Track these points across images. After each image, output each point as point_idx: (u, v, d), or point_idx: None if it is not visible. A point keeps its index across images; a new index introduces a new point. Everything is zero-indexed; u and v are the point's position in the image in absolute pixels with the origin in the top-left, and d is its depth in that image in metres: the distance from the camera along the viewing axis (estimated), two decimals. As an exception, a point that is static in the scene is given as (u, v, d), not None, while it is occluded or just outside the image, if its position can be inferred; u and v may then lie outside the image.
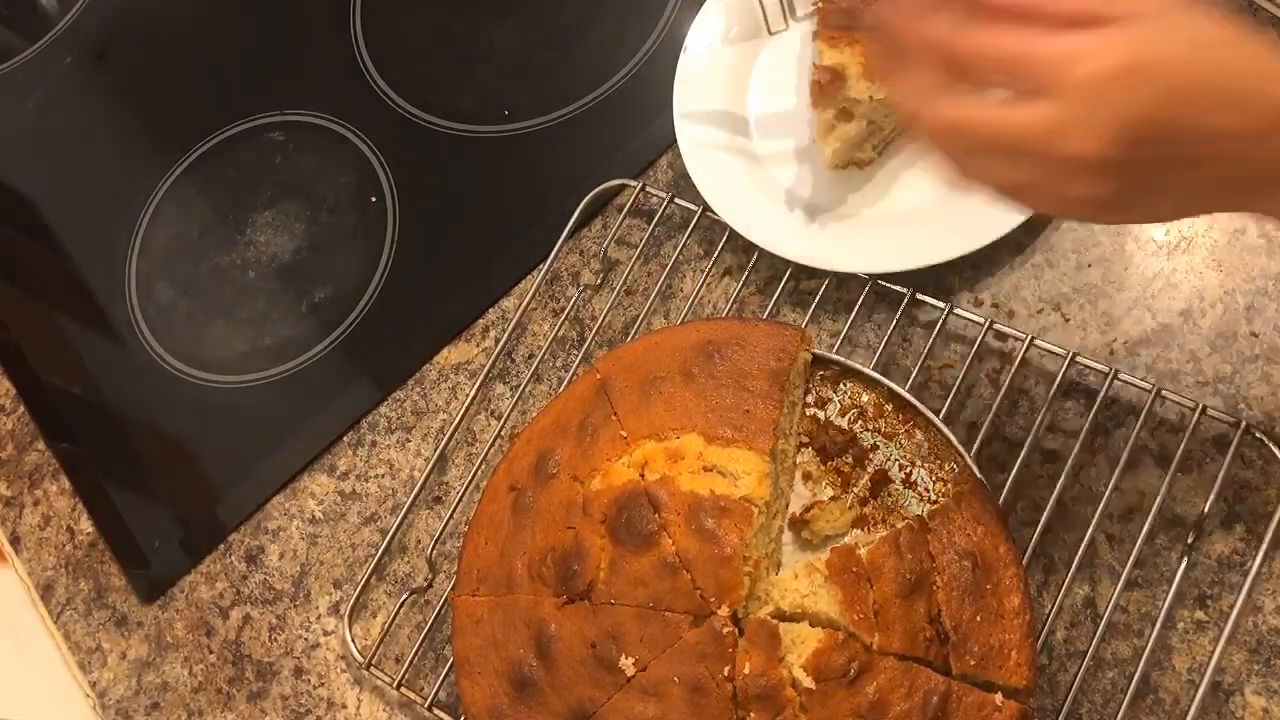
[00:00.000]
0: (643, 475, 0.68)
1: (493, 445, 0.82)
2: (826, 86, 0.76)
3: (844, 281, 0.80)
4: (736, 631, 0.63)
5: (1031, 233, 0.78)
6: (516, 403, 0.83)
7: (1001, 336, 0.75)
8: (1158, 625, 0.65)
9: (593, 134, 0.96)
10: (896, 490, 0.71)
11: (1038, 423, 0.71)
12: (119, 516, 0.92)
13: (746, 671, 0.61)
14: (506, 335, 0.86)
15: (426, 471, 0.83)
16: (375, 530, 0.85)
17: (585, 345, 0.84)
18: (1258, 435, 0.67)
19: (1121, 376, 0.70)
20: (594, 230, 0.90)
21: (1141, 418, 0.70)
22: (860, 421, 0.73)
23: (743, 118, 0.87)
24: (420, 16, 1.08)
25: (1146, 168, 0.49)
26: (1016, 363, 0.73)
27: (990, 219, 0.76)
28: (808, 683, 0.61)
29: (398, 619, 0.79)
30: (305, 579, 0.85)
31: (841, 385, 0.75)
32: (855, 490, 0.71)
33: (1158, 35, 0.48)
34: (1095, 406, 0.70)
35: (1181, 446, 0.68)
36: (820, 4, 0.81)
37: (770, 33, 0.89)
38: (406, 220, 0.97)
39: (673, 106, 0.87)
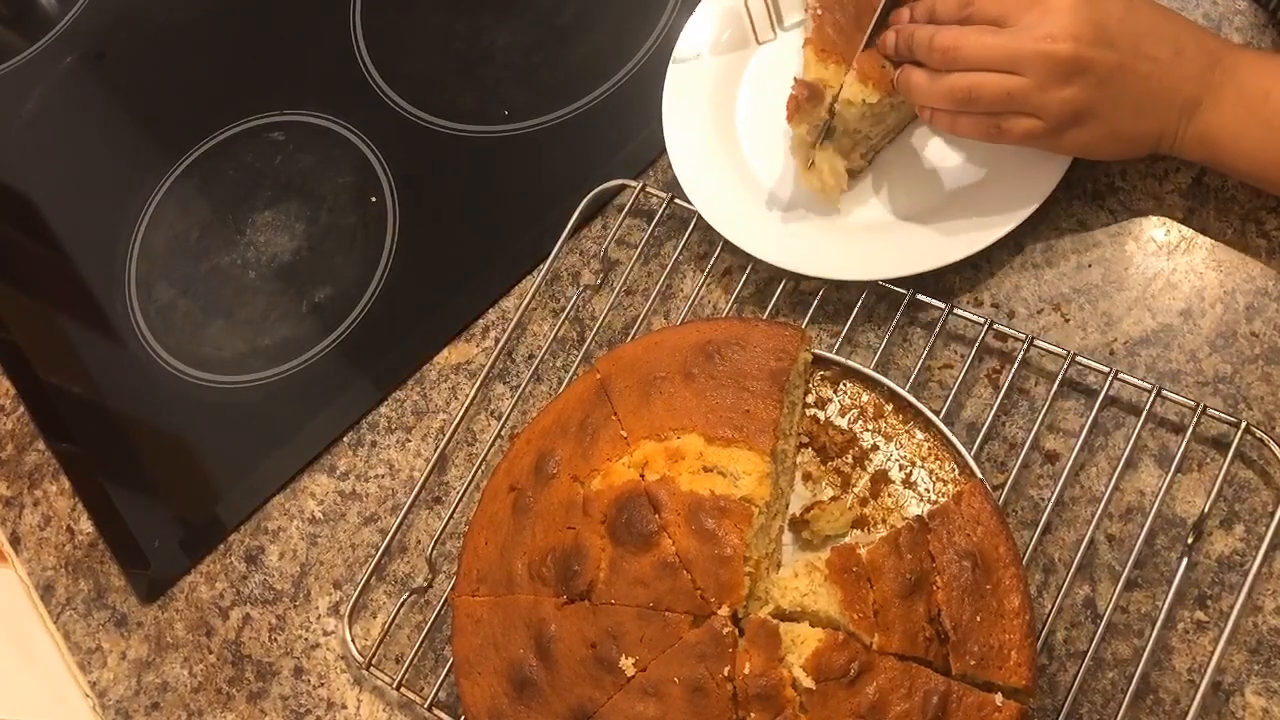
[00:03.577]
0: (643, 475, 0.68)
1: (493, 445, 0.82)
2: (804, 103, 0.76)
3: (844, 282, 0.80)
4: (736, 632, 0.63)
5: (1032, 233, 0.78)
6: (516, 403, 0.83)
7: (1001, 336, 0.75)
8: (1158, 625, 0.65)
9: (593, 134, 0.96)
10: (896, 490, 0.71)
11: (1038, 423, 0.71)
12: (119, 516, 0.92)
13: (746, 671, 0.61)
14: (506, 335, 0.86)
15: (426, 471, 0.83)
16: (375, 530, 0.85)
17: (585, 345, 0.84)
18: (1258, 435, 0.67)
19: (1121, 376, 0.70)
20: (594, 230, 0.90)
21: (1141, 418, 0.70)
22: (860, 422, 0.73)
23: (732, 126, 0.87)
24: (420, 16, 1.08)
25: (1101, 72, 0.67)
26: (1016, 363, 0.73)
27: (986, 223, 0.76)
28: (808, 683, 0.61)
29: (398, 619, 0.79)
30: (305, 579, 0.85)
31: (841, 385, 0.75)
32: (855, 490, 0.71)
33: None
34: (1095, 406, 0.70)
35: (1181, 446, 0.68)
36: (817, 12, 0.80)
37: (758, 42, 0.89)
38: (406, 220, 0.97)
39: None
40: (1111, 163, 0.78)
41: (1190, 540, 0.67)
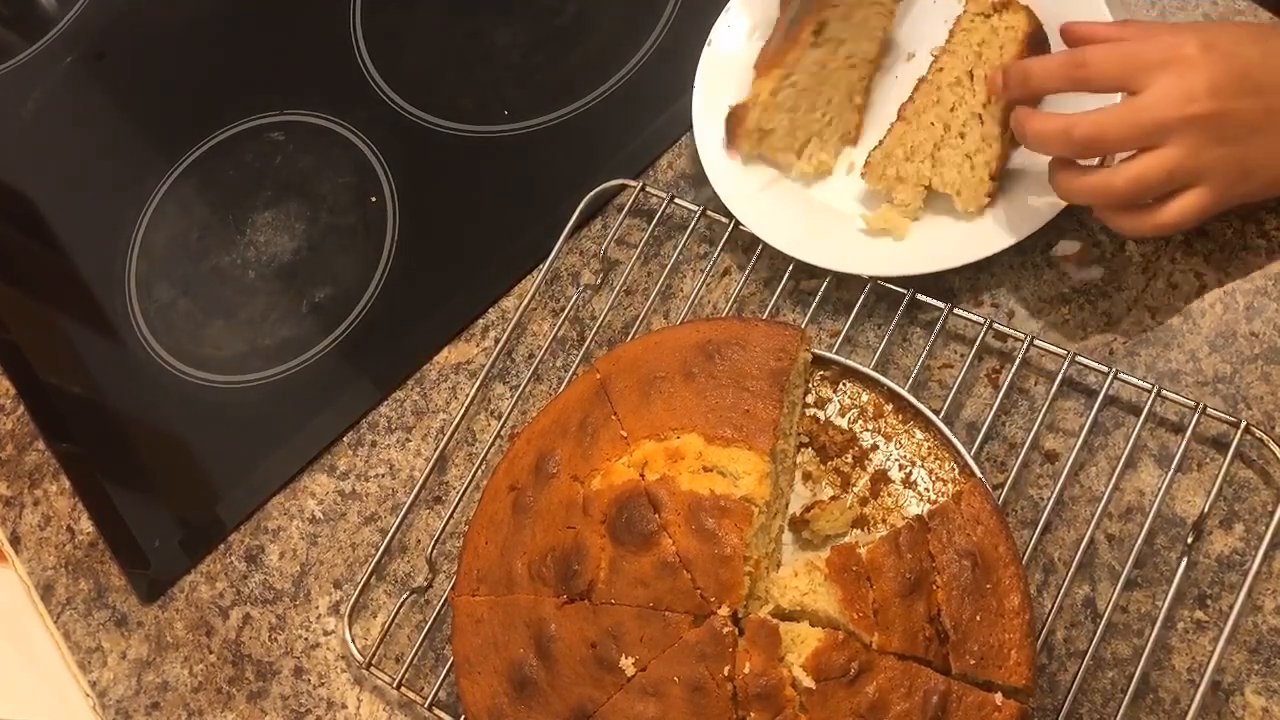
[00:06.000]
0: (643, 475, 0.68)
1: (493, 445, 0.82)
2: (734, 128, 0.78)
3: (844, 281, 0.80)
4: (736, 631, 0.63)
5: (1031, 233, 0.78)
6: (516, 403, 0.83)
7: (1001, 336, 0.75)
8: (1157, 625, 0.65)
9: (593, 134, 0.96)
10: (896, 490, 0.71)
11: (1037, 422, 0.71)
12: (119, 516, 0.92)
13: (746, 671, 0.61)
14: (506, 335, 0.86)
15: (426, 471, 0.83)
16: (375, 530, 0.85)
17: (585, 345, 0.84)
18: (1258, 435, 0.67)
19: (1121, 376, 0.70)
20: (594, 230, 0.90)
21: (1141, 417, 0.70)
22: (860, 421, 0.73)
23: None
24: (420, 16, 1.08)
25: (1250, 122, 0.65)
26: (1016, 363, 0.73)
27: (996, 232, 0.76)
28: (808, 682, 0.61)
29: (398, 619, 0.79)
30: (305, 579, 0.85)
31: (841, 385, 0.75)
32: (855, 490, 0.71)
33: (1209, 28, 0.68)
34: (1095, 406, 0.70)
35: (1181, 446, 0.68)
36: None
37: None
38: (406, 220, 0.97)
39: (674, 105, 0.86)
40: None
41: (1190, 540, 0.67)
